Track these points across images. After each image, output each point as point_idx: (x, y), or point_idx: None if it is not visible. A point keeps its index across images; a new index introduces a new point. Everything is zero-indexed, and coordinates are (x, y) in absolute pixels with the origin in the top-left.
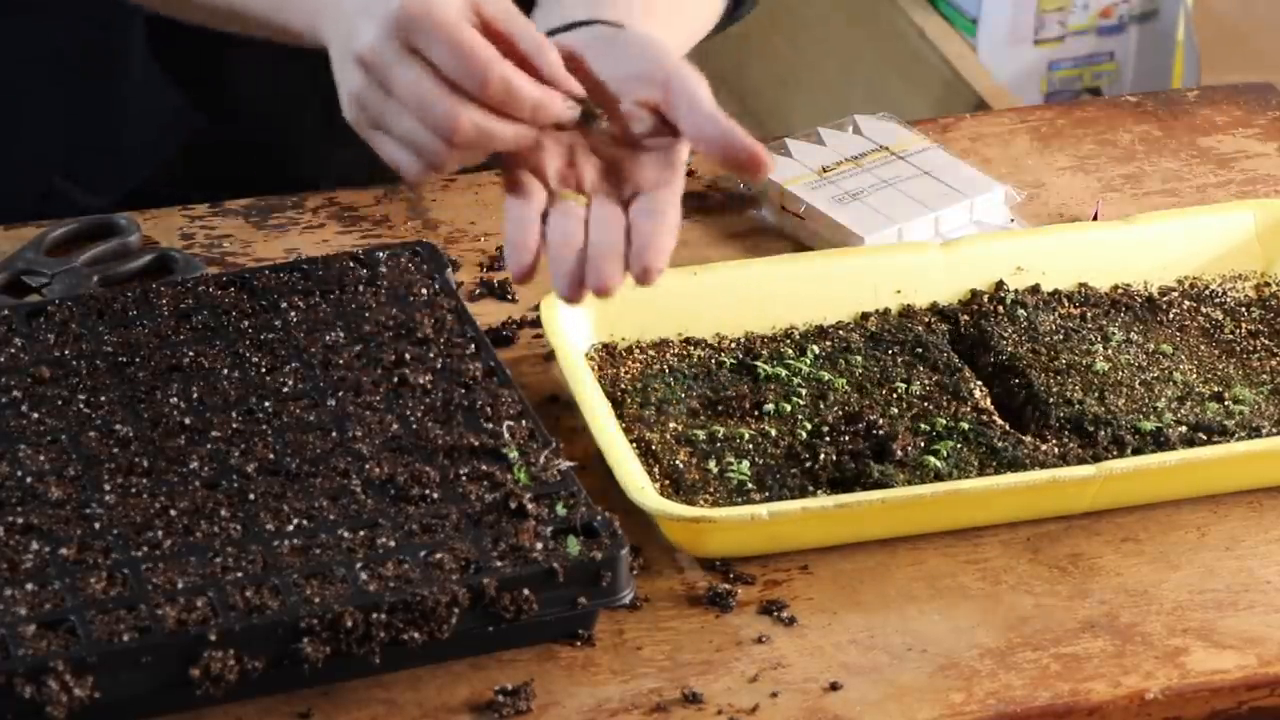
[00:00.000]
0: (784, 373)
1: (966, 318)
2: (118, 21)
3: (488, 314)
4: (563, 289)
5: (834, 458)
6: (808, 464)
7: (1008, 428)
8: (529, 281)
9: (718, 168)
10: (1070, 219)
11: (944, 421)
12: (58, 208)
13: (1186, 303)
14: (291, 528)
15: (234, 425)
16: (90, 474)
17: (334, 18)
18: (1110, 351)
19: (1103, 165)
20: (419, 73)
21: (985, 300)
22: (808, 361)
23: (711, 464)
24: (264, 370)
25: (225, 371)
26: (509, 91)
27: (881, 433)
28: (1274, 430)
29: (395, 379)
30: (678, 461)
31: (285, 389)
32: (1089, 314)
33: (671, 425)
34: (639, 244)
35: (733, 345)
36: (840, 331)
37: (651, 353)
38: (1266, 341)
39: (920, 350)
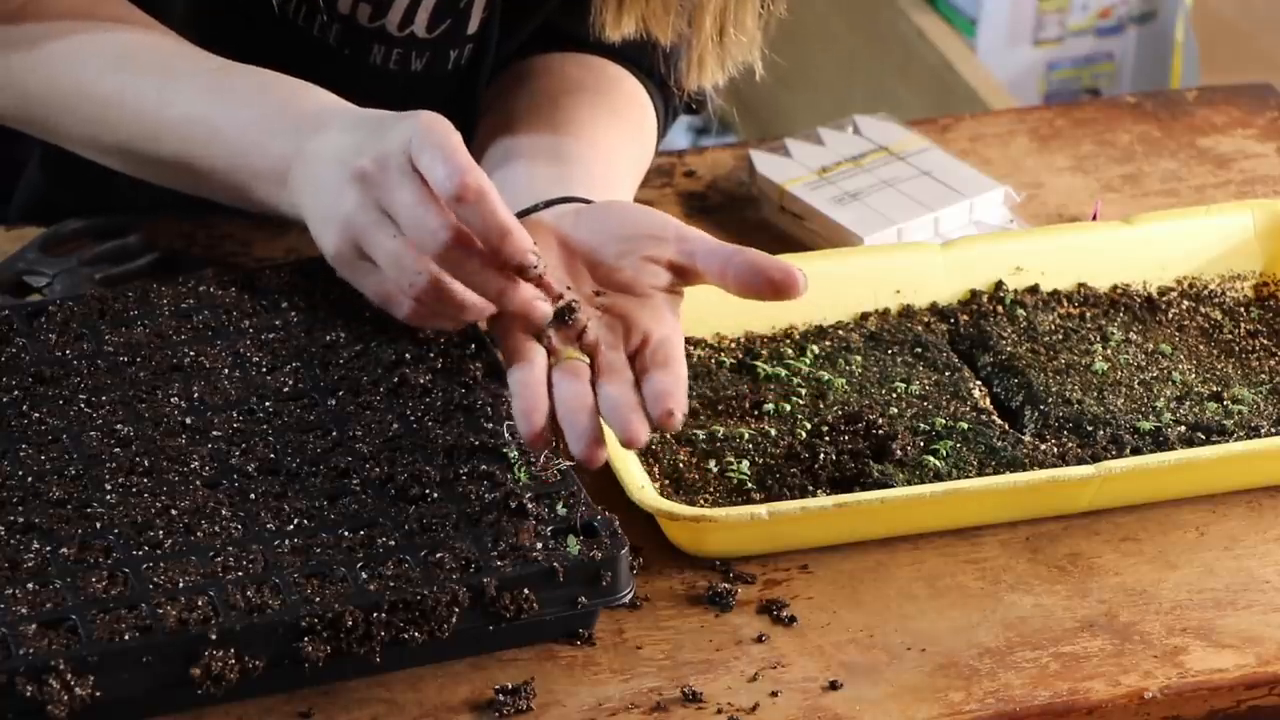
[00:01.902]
0: (784, 372)
1: (966, 318)
2: None
3: None
4: (580, 452)
5: (834, 457)
6: (808, 464)
7: (1007, 427)
8: (544, 446)
9: (754, 297)
10: (1069, 219)
11: (943, 421)
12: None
13: (1185, 303)
14: (292, 527)
15: (234, 425)
16: (91, 473)
17: (315, 163)
18: (1109, 351)
19: (1102, 165)
20: (420, 188)
21: (984, 300)
22: (807, 361)
23: (711, 464)
24: (264, 370)
25: (225, 371)
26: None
27: (881, 432)
28: (1273, 430)
29: (395, 379)
30: (678, 461)
31: (285, 389)
32: (1088, 314)
33: None
34: (660, 391)
35: (732, 345)
36: (840, 331)
37: None
38: (1265, 341)
39: (920, 350)
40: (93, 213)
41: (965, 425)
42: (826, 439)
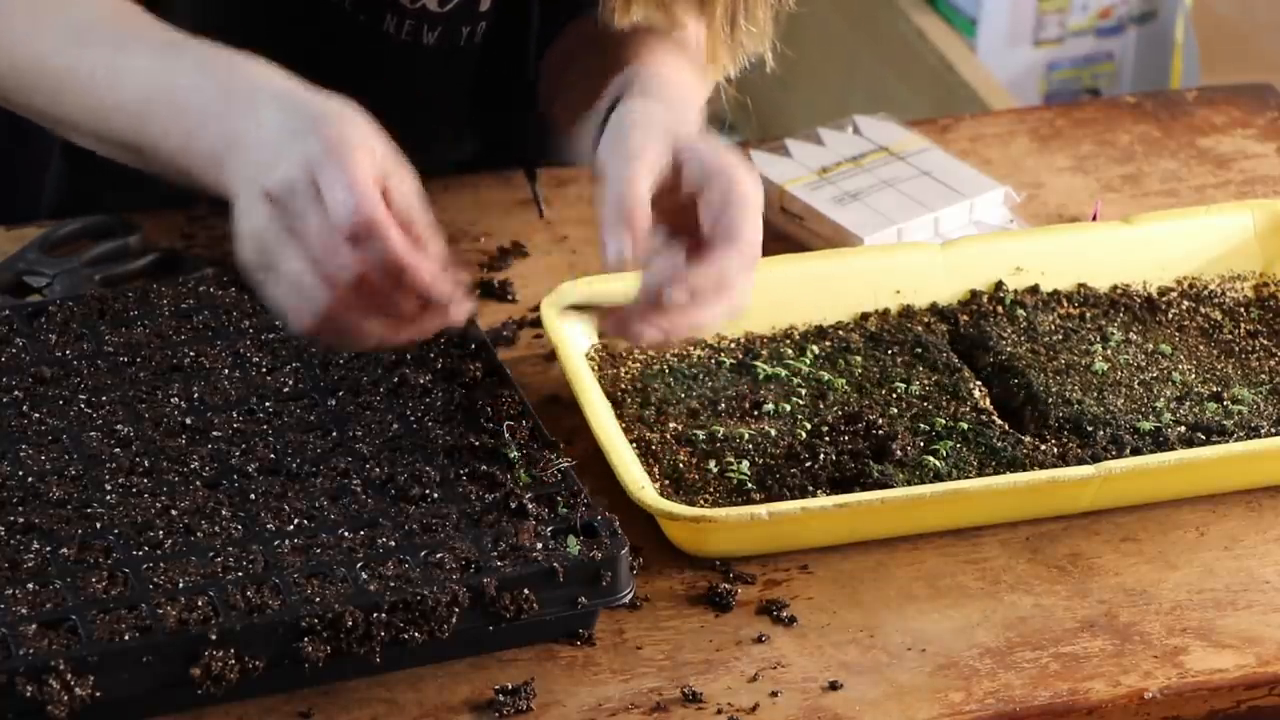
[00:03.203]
0: (784, 373)
1: (966, 318)
2: None
3: (488, 314)
4: (629, 320)
5: (834, 458)
6: (808, 464)
7: (1007, 428)
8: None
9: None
10: (1070, 219)
11: (943, 421)
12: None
13: (1185, 303)
14: (292, 527)
15: (235, 425)
16: (91, 474)
17: (246, 153)
18: (1109, 351)
19: (1102, 166)
20: (325, 217)
21: (985, 300)
22: (807, 361)
23: (711, 464)
24: (264, 370)
25: (226, 371)
26: (405, 265)
27: (881, 433)
28: (1272, 430)
29: (395, 379)
30: (678, 461)
31: (285, 389)
32: (1088, 314)
33: (671, 425)
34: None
35: (732, 345)
36: (840, 331)
37: (651, 353)
38: (1265, 341)
39: (920, 350)
40: (119, 200)
41: (965, 425)
42: (826, 439)
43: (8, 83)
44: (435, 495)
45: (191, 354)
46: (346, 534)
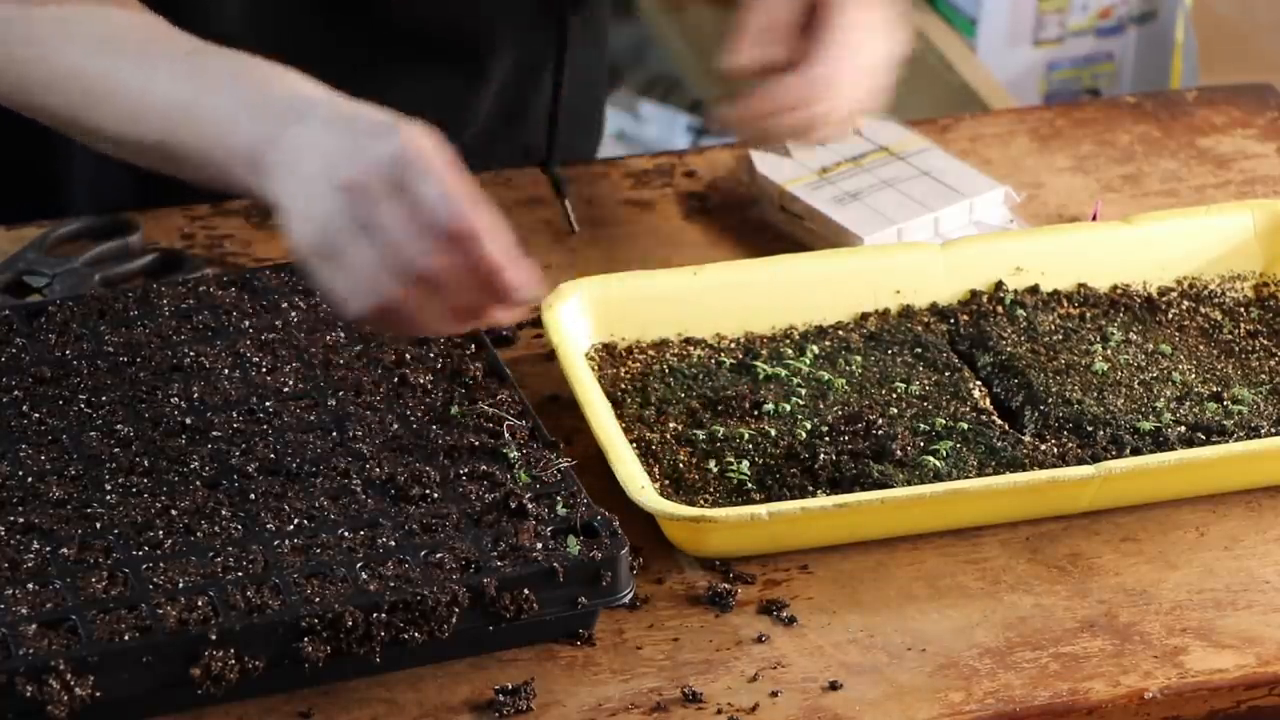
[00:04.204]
0: (783, 372)
1: (966, 318)
2: None
3: None
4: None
5: (834, 458)
6: (807, 464)
7: (1007, 428)
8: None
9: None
10: (1070, 219)
11: (943, 421)
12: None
13: (1185, 303)
14: (292, 527)
15: (235, 425)
16: (91, 474)
17: (304, 147)
18: (1109, 351)
19: (1102, 166)
20: (405, 211)
21: (984, 300)
22: (807, 361)
23: (711, 464)
24: (264, 370)
25: (226, 371)
26: (488, 259)
27: (881, 433)
28: (1273, 430)
29: (395, 379)
30: (678, 461)
31: (286, 389)
32: (1088, 314)
33: (671, 425)
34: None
35: (732, 345)
36: (840, 331)
37: (651, 353)
38: (1265, 341)
39: (920, 350)
40: (142, 193)
41: (965, 425)
42: (826, 439)
43: (41, 92)
44: (435, 495)
45: (191, 354)
46: (346, 534)
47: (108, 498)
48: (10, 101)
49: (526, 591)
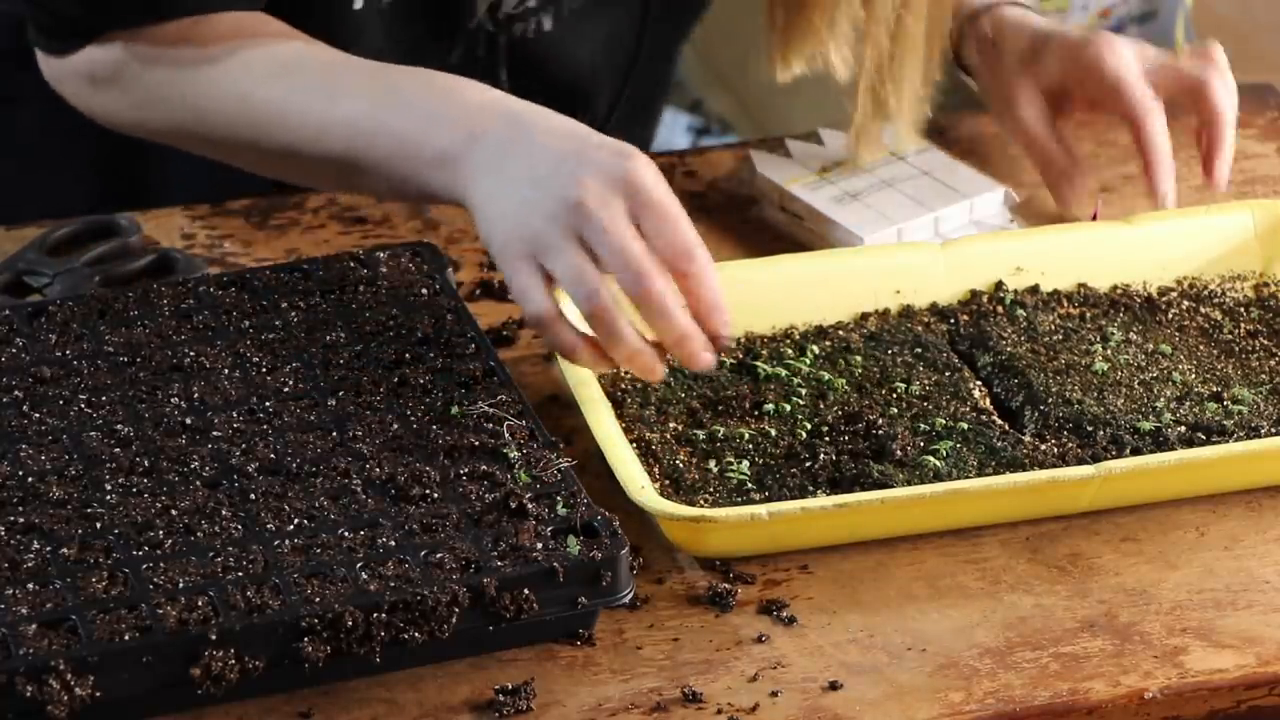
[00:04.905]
0: (784, 373)
1: (966, 318)
2: None
3: (488, 314)
4: None
5: (834, 458)
6: (807, 464)
7: (1007, 428)
8: None
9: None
10: (1070, 219)
11: (943, 421)
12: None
13: (1185, 303)
14: (292, 527)
15: (235, 425)
16: (91, 474)
17: (503, 155)
18: (1109, 351)
19: (1102, 165)
20: (632, 239)
21: (984, 300)
22: (808, 361)
23: (711, 464)
24: (264, 370)
25: (226, 371)
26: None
27: (881, 433)
28: (1273, 430)
29: (395, 379)
30: (678, 461)
31: (286, 389)
32: (1088, 314)
33: (671, 425)
34: None
35: (732, 345)
36: (840, 331)
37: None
38: (1265, 341)
39: (920, 350)
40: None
41: (965, 425)
42: (826, 439)
43: (212, 122)
44: (435, 495)
45: (191, 354)
46: (346, 534)
47: (108, 498)
48: (185, 135)
49: (526, 591)
